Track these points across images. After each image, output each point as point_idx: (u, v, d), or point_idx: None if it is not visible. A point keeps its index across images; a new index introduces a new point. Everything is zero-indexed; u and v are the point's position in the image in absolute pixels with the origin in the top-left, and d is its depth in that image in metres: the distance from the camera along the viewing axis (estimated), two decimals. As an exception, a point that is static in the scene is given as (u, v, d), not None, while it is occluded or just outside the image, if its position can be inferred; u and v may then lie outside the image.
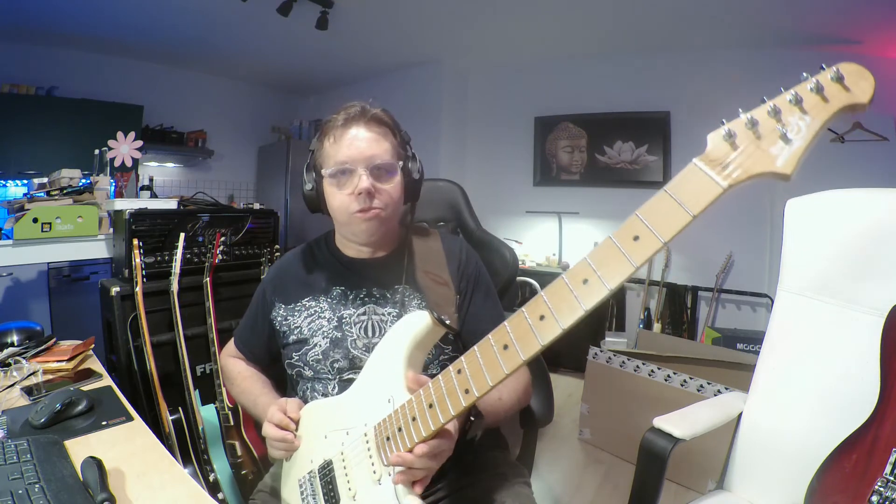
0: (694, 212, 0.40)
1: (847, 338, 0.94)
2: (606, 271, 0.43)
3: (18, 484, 0.60)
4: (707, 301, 3.17)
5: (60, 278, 2.17)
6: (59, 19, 3.05)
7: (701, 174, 0.41)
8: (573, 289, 0.45)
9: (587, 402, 2.28)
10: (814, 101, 0.38)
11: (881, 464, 0.72)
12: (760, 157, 0.39)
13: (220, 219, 1.87)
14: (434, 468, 0.63)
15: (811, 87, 0.38)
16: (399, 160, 0.86)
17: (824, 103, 0.37)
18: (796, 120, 0.38)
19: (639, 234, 0.42)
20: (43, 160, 3.10)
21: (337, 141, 0.83)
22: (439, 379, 0.59)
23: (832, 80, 0.38)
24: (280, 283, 0.95)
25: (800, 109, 0.38)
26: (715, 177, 0.40)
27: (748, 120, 0.40)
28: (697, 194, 0.40)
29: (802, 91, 0.39)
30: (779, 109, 0.39)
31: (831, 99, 0.37)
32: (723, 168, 0.40)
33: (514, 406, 0.82)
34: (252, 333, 0.99)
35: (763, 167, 0.39)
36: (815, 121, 0.37)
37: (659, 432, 0.92)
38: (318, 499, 0.73)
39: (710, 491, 1.10)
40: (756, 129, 0.40)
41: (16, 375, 1.00)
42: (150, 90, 3.93)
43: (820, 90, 0.38)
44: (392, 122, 0.87)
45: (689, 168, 0.42)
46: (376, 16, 3.06)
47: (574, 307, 0.45)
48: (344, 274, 0.90)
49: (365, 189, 0.80)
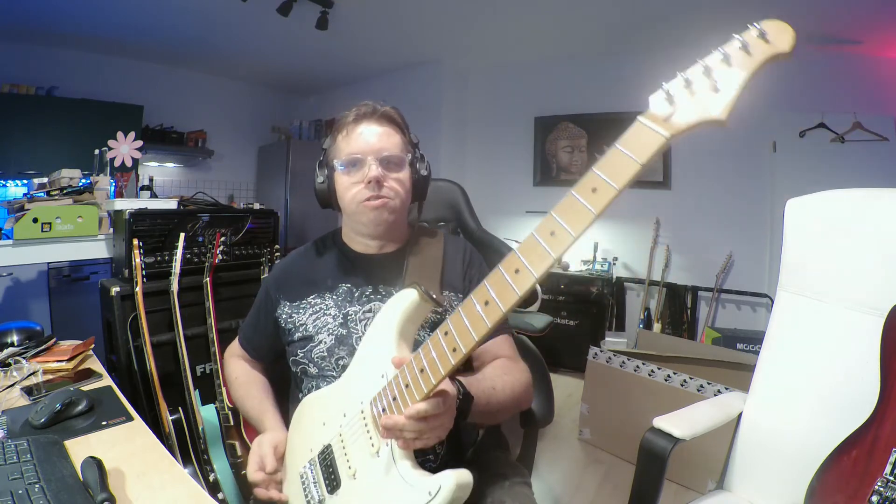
0: (642, 160, 0.45)
1: (847, 338, 0.94)
2: (571, 221, 0.48)
3: (18, 484, 0.60)
4: (707, 301, 3.17)
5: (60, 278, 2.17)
6: (59, 19, 3.05)
7: (646, 129, 0.46)
8: (542, 241, 0.50)
9: (587, 402, 2.28)
10: (741, 56, 0.43)
11: (881, 464, 0.72)
12: (696, 108, 0.44)
13: (220, 219, 1.87)
14: (427, 433, 0.62)
15: (738, 46, 0.43)
16: (408, 155, 0.89)
17: (749, 57, 0.43)
18: (726, 74, 0.43)
19: (596, 187, 0.47)
20: (43, 160, 3.10)
21: (349, 135, 0.86)
22: (428, 344, 0.61)
23: (756, 37, 0.43)
24: (285, 281, 0.96)
25: (728, 65, 0.44)
26: (658, 129, 0.45)
27: (684, 80, 0.46)
28: (644, 146, 0.45)
29: (730, 49, 0.44)
30: (710, 68, 0.44)
31: (755, 52, 0.43)
32: (664, 121, 0.45)
33: (509, 401, 0.80)
34: (255, 331, 0.99)
35: (699, 116, 0.44)
36: (743, 72, 0.43)
37: (659, 432, 0.92)
38: (319, 486, 0.73)
39: (710, 491, 1.10)
40: (691, 87, 0.45)
41: (16, 375, 1.00)
42: (150, 90, 3.93)
43: (745, 46, 0.43)
44: (402, 121, 0.91)
45: (635, 125, 0.47)
46: (376, 16, 3.06)
47: (544, 256, 0.50)
48: (350, 270, 0.91)
49: (374, 177, 0.82)
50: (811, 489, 0.80)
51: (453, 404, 0.65)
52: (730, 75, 0.43)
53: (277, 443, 0.83)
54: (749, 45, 0.43)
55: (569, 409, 2.60)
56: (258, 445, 0.83)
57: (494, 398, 0.76)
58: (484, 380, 0.77)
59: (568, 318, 3.25)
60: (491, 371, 0.82)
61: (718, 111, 0.43)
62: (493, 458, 0.91)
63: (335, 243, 0.96)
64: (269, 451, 0.81)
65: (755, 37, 0.43)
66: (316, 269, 0.94)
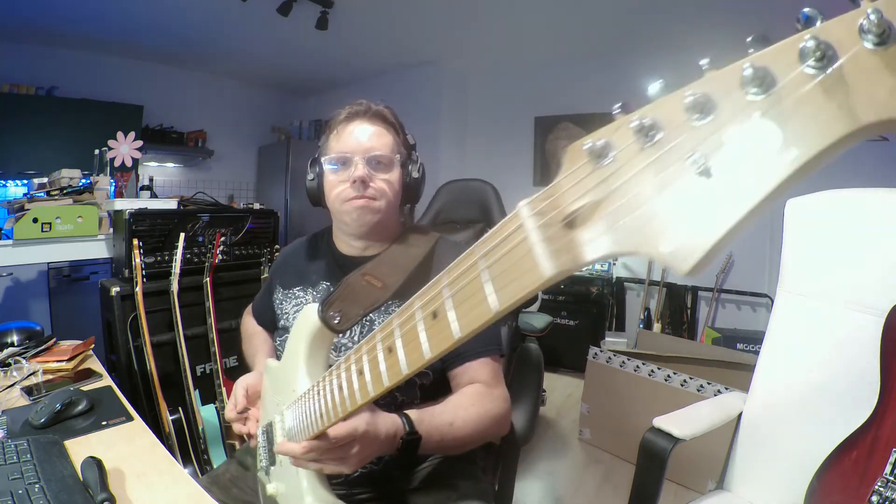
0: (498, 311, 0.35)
1: (847, 338, 0.94)
2: (408, 351, 0.42)
3: (18, 484, 0.60)
4: (707, 301, 3.17)
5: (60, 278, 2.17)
6: (59, 19, 3.05)
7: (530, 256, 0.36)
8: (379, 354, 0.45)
9: (587, 402, 2.28)
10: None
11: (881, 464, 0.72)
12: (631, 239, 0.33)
13: (220, 219, 1.87)
14: (331, 465, 0.61)
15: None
16: (399, 156, 0.86)
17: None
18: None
19: (436, 312, 0.40)
20: (43, 160, 3.10)
21: (339, 133, 0.86)
22: (338, 376, 0.54)
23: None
24: (282, 268, 1.00)
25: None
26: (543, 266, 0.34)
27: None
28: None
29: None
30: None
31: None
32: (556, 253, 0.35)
33: (471, 436, 0.74)
34: (261, 304, 1.05)
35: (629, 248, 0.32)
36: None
37: (659, 432, 0.92)
38: (267, 453, 0.75)
39: (710, 491, 1.10)
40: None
41: (16, 375, 1.00)
42: (150, 90, 3.92)
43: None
44: (396, 121, 0.89)
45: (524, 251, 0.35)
46: (376, 16, 3.06)
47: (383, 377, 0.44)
48: (333, 270, 0.91)
49: (359, 177, 0.81)
50: (811, 489, 0.80)
51: (368, 441, 0.61)
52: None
53: (249, 385, 0.85)
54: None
55: (569, 409, 2.60)
56: (235, 386, 0.86)
57: (451, 435, 0.71)
58: (442, 413, 0.72)
59: (568, 318, 3.25)
60: (456, 401, 0.76)
61: (685, 265, 0.23)
62: (448, 467, 0.85)
63: (326, 242, 0.97)
64: (242, 392, 0.83)
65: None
66: (307, 263, 0.96)
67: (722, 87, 0.24)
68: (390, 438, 0.65)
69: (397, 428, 0.66)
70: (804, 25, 0.22)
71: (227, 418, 0.85)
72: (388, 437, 0.64)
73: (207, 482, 0.89)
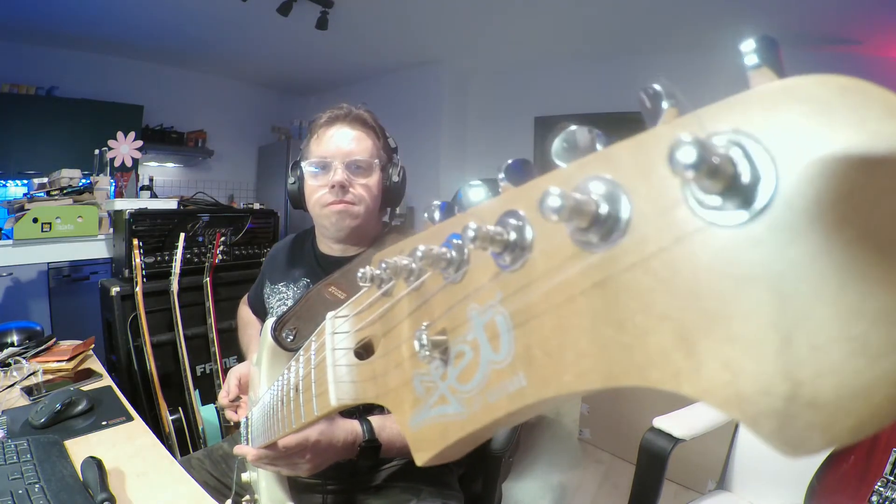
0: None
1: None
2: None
3: (18, 484, 0.60)
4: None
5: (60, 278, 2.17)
6: (59, 19, 3.05)
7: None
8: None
9: (587, 402, 2.28)
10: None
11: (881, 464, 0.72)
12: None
13: (220, 219, 1.87)
14: (285, 469, 0.64)
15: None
16: (379, 161, 0.87)
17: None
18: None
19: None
20: (43, 160, 3.09)
21: (319, 137, 0.86)
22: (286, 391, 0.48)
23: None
24: (272, 263, 1.03)
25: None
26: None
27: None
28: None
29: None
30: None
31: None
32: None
33: None
34: (255, 296, 1.07)
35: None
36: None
37: (659, 432, 0.92)
38: (245, 443, 0.77)
39: (710, 491, 1.10)
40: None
41: (16, 375, 1.00)
42: (150, 90, 3.92)
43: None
44: (376, 125, 0.89)
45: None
46: (376, 16, 3.06)
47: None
48: (314, 269, 0.93)
49: (338, 182, 0.82)
50: (811, 489, 0.80)
51: (321, 449, 0.62)
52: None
53: (242, 374, 0.87)
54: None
55: (569, 409, 2.60)
56: (229, 375, 0.88)
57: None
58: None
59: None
60: None
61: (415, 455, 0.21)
62: (414, 468, 0.82)
63: (311, 241, 0.98)
64: (234, 381, 0.86)
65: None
66: (292, 260, 0.97)
67: (480, 232, 0.16)
68: (348, 445, 0.65)
69: (356, 435, 0.66)
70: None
71: (220, 405, 0.88)
72: (345, 445, 0.65)
73: (202, 454, 0.94)
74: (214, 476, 0.88)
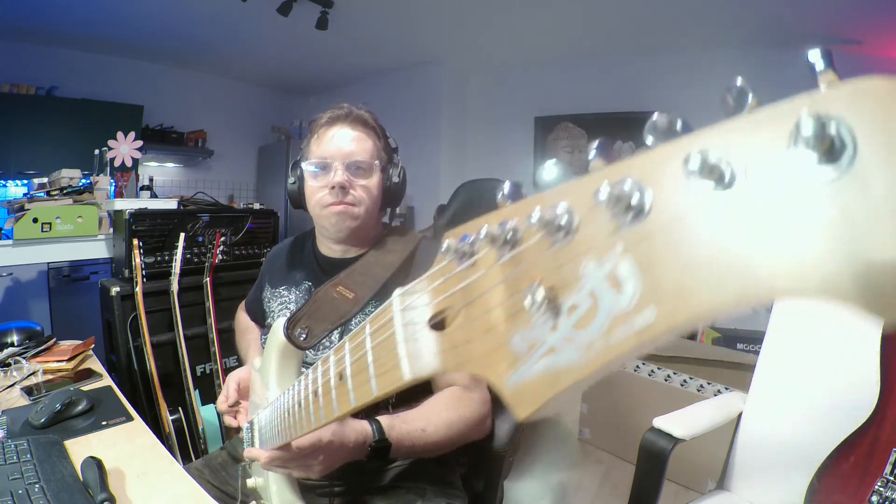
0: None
1: (847, 338, 0.94)
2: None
3: (18, 484, 0.60)
4: (707, 301, 3.17)
5: (60, 278, 2.17)
6: (59, 19, 3.05)
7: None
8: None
9: (587, 402, 2.28)
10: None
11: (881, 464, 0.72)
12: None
13: (220, 219, 1.87)
14: (296, 471, 0.64)
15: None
16: (379, 161, 0.86)
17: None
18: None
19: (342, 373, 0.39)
20: (43, 160, 3.10)
21: (320, 138, 0.86)
22: (302, 397, 0.49)
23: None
24: (271, 266, 1.01)
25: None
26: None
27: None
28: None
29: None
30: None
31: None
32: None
33: (445, 441, 0.74)
34: (254, 300, 1.07)
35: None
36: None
37: (659, 432, 0.92)
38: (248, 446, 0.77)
39: (710, 491, 1.10)
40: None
41: (16, 375, 1.00)
42: (150, 90, 3.92)
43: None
44: (377, 126, 0.89)
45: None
46: (376, 16, 3.06)
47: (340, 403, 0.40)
48: (315, 271, 0.92)
49: (338, 183, 0.81)
50: (811, 489, 0.80)
51: (334, 450, 0.62)
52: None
53: (241, 379, 0.86)
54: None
55: (569, 409, 2.60)
56: (228, 379, 0.88)
57: (423, 440, 0.71)
58: (415, 419, 0.72)
59: (568, 318, 3.25)
60: (431, 406, 0.75)
61: (520, 411, 0.22)
62: (420, 468, 0.83)
63: (311, 243, 0.98)
64: (234, 386, 0.85)
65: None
66: (293, 263, 0.97)
67: (585, 200, 0.19)
68: (359, 446, 0.65)
69: (366, 435, 0.66)
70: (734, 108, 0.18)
71: (219, 410, 0.87)
72: (356, 445, 0.65)
73: (201, 464, 0.93)
74: (214, 485, 0.87)
